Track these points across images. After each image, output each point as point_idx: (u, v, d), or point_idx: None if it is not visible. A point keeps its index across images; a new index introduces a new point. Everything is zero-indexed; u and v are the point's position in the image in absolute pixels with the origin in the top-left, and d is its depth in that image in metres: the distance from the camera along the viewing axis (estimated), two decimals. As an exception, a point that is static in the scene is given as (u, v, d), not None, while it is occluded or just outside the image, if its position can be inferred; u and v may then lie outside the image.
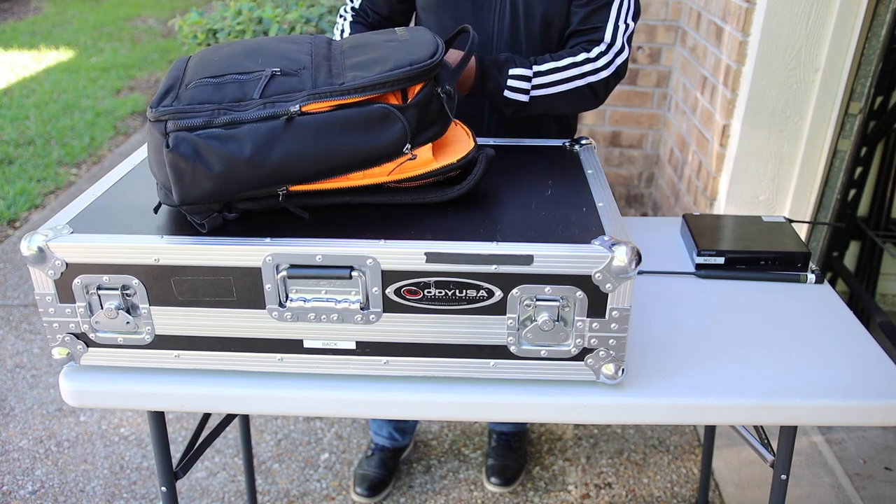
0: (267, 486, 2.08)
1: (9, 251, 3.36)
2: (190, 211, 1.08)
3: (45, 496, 2.04)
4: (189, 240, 1.05)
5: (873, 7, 2.05)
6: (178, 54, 6.30)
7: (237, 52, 1.16)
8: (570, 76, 1.46)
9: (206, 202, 1.06)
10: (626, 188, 3.44)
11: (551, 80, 1.45)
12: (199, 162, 1.02)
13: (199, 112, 1.04)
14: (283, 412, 1.14)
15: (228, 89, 1.07)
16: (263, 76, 1.09)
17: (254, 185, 1.06)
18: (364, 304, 1.06)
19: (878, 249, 2.59)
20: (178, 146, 1.02)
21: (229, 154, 1.02)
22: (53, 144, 4.51)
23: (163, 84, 1.11)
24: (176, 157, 1.01)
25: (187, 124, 1.02)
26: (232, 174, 1.04)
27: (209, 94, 1.06)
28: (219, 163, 1.03)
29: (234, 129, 1.03)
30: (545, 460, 2.18)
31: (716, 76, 2.48)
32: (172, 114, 1.03)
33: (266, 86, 1.07)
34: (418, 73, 1.08)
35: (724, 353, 1.20)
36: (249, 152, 1.03)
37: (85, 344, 1.11)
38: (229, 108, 1.05)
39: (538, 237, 1.05)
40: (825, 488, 2.02)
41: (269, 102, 1.05)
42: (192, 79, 1.10)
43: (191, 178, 1.03)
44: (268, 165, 1.04)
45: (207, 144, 1.02)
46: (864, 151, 2.42)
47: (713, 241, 1.44)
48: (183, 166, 1.02)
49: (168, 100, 1.06)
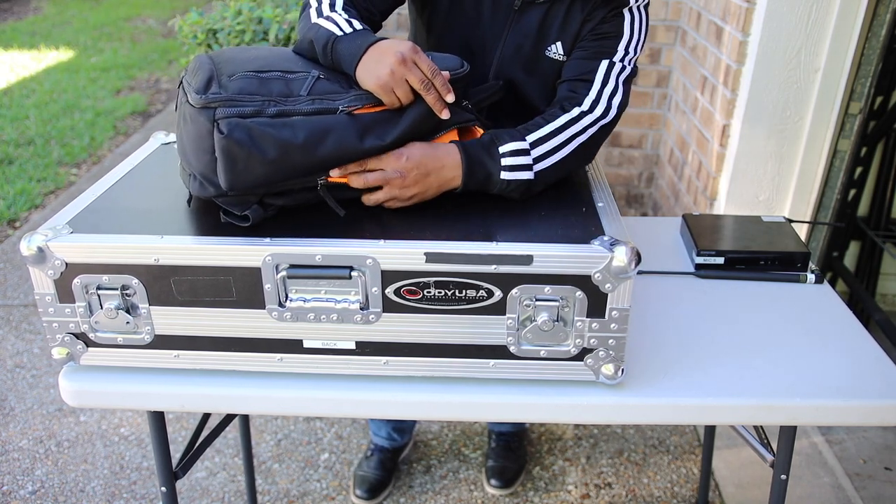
0: (267, 486, 2.08)
1: (9, 251, 3.36)
2: (228, 202, 1.08)
3: (45, 496, 2.04)
4: (189, 240, 1.05)
5: (873, 7, 2.05)
6: (178, 54, 6.30)
7: (271, 55, 1.18)
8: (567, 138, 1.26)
9: (254, 189, 1.07)
10: (626, 188, 3.44)
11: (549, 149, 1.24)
12: (253, 147, 1.03)
13: (249, 102, 1.05)
14: (283, 412, 1.14)
15: (275, 84, 1.09)
16: (310, 76, 1.11)
17: (303, 172, 1.08)
18: (364, 304, 1.06)
19: (878, 249, 2.59)
20: (232, 132, 1.02)
21: (284, 140, 1.04)
22: (53, 144, 4.51)
23: (199, 76, 1.09)
24: (230, 143, 1.02)
25: (239, 111, 1.03)
26: (286, 161, 1.05)
27: (256, 86, 1.07)
28: (273, 148, 1.03)
29: (286, 118, 1.05)
30: (545, 460, 2.18)
31: (716, 76, 2.48)
32: (223, 101, 1.03)
33: (312, 86, 1.10)
34: (454, 78, 1.13)
35: (724, 353, 1.20)
36: (303, 139, 1.05)
37: (85, 344, 1.11)
38: (278, 101, 1.06)
39: (538, 237, 1.05)
40: (825, 488, 2.02)
41: (317, 99, 1.08)
42: (234, 71, 1.10)
43: (244, 164, 1.03)
44: (319, 154, 1.06)
45: (263, 131, 1.03)
46: (864, 151, 2.42)
47: (713, 241, 1.44)
48: (237, 151, 1.02)
49: (214, 87, 1.06)
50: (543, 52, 1.36)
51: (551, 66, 1.36)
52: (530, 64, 1.37)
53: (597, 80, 1.29)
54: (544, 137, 1.23)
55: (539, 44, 1.35)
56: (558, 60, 1.35)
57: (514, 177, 1.18)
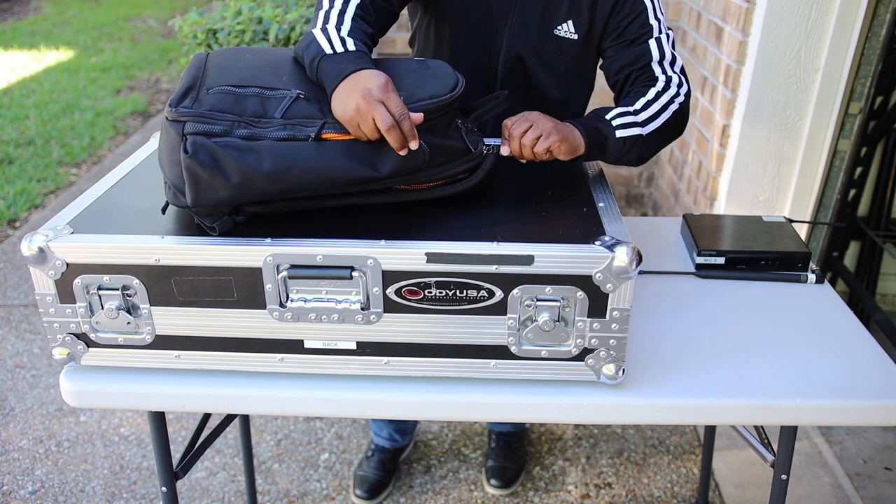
0: (267, 486, 2.08)
1: (9, 251, 3.36)
2: (199, 213, 1.07)
3: (45, 496, 2.04)
4: (189, 240, 1.05)
5: (873, 7, 2.05)
6: (178, 54, 6.29)
7: (261, 63, 1.16)
8: (668, 99, 1.32)
9: (218, 207, 1.06)
10: (626, 188, 3.44)
11: (654, 111, 1.31)
12: (216, 171, 1.01)
13: (220, 120, 1.03)
14: (283, 412, 1.14)
15: (250, 102, 1.06)
16: (288, 97, 1.08)
17: (268, 197, 1.06)
18: (364, 304, 1.06)
19: (878, 249, 2.59)
20: (196, 153, 1.01)
21: (248, 167, 1.02)
22: (53, 144, 4.50)
23: (182, 82, 1.10)
24: (193, 164, 1.00)
25: (206, 129, 1.02)
26: (248, 186, 1.03)
27: (230, 103, 1.05)
28: (236, 174, 1.02)
29: (253, 142, 1.03)
30: (545, 460, 2.18)
31: (716, 76, 2.48)
32: (192, 116, 1.03)
33: (288, 108, 1.07)
34: (437, 106, 1.08)
35: (723, 353, 1.20)
36: (269, 167, 1.02)
37: (85, 344, 1.11)
38: (249, 123, 1.04)
39: (539, 237, 1.05)
40: (825, 488, 2.02)
41: (289, 124, 1.05)
42: (213, 83, 1.09)
43: (207, 185, 1.02)
44: (285, 181, 1.04)
45: (227, 154, 1.01)
46: (864, 151, 2.42)
47: (713, 241, 1.44)
48: (200, 172, 1.01)
49: (188, 101, 1.05)
50: (552, 31, 1.36)
51: (562, 47, 1.36)
52: (539, 44, 1.37)
53: (654, 62, 1.35)
54: (643, 106, 1.30)
55: (546, 22, 1.36)
56: (570, 40, 1.36)
57: (627, 133, 1.26)
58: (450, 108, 1.12)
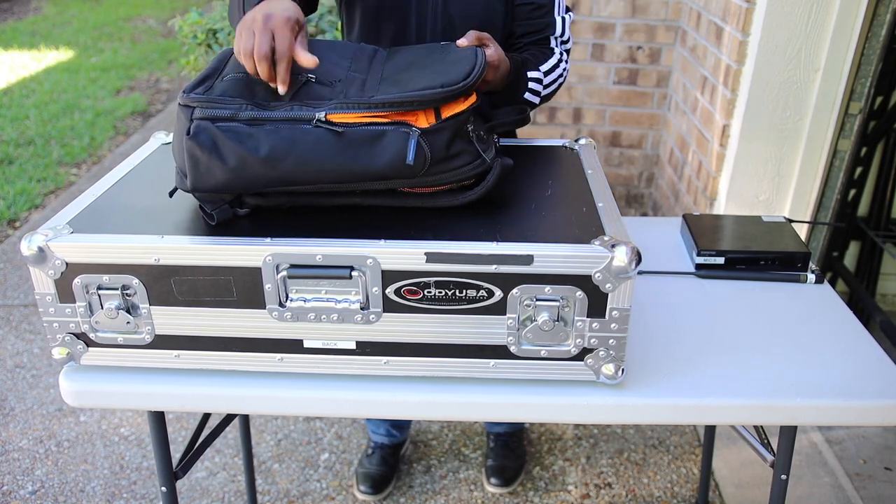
0: (267, 486, 2.08)
1: (9, 251, 3.36)
2: (201, 199, 1.09)
3: (45, 496, 2.04)
4: (189, 240, 1.05)
5: (873, 7, 2.05)
6: (178, 54, 6.30)
7: None
8: (559, 74, 1.49)
9: (217, 193, 1.07)
10: (626, 188, 3.44)
11: (551, 80, 1.47)
12: (214, 154, 1.03)
13: (228, 105, 1.04)
14: (283, 412, 1.14)
15: (260, 86, 1.08)
16: (298, 80, 1.10)
17: (265, 184, 1.06)
18: (364, 304, 1.06)
19: (878, 249, 2.59)
20: (197, 135, 1.03)
21: (245, 151, 1.03)
22: (53, 144, 4.51)
23: (202, 72, 1.12)
24: (193, 146, 1.03)
25: (212, 114, 1.03)
26: (244, 171, 1.04)
27: (241, 87, 1.07)
28: (233, 158, 1.03)
29: (256, 126, 1.04)
30: (545, 460, 2.18)
31: (716, 76, 2.48)
32: (201, 102, 1.04)
33: (298, 90, 1.08)
34: (447, 95, 1.07)
35: (724, 353, 1.20)
36: (265, 153, 1.03)
37: (85, 344, 1.11)
38: (257, 105, 1.06)
39: (538, 237, 1.05)
40: (825, 488, 2.02)
41: (297, 105, 1.06)
42: (229, 71, 1.11)
43: (205, 168, 1.04)
44: (281, 169, 1.04)
45: (226, 138, 1.03)
46: (864, 151, 2.42)
47: (713, 241, 1.44)
48: (199, 155, 1.03)
49: (202, 88, 1.07)
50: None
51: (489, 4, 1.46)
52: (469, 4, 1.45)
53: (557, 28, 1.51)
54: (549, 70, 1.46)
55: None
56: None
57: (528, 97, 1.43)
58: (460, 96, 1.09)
